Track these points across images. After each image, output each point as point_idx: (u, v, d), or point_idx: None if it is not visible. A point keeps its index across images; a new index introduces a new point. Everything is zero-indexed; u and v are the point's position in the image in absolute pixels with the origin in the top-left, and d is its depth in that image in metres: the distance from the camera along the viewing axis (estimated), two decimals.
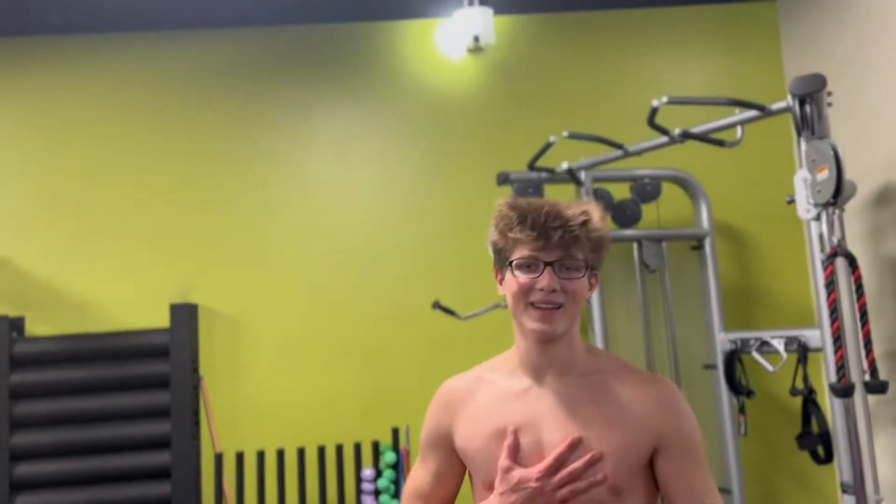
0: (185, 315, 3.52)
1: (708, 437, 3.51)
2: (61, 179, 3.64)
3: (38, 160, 3.65)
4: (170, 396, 3.45)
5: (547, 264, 1.20)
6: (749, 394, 3.22)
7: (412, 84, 3.80)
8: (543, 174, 3.33)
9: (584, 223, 1.22)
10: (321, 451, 3.42)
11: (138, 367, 3.50)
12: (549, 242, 1.20)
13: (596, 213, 1.25)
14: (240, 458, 3.36)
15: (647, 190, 3.47)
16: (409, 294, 3.64)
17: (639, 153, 3.03)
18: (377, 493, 3.36)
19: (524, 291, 1.21)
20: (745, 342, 3.23)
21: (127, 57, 3.75)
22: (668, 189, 3.56)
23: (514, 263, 1.22)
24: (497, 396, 1.29)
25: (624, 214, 3.47)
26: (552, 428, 1.22)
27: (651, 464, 1.23)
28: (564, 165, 3.15)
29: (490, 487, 1.24)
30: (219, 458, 3.38)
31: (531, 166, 3.21)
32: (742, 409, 3.26)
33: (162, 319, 3.57)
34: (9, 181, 3.62)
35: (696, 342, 3.57)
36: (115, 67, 3.74)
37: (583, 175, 3.26)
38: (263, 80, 3.77)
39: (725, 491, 3.34)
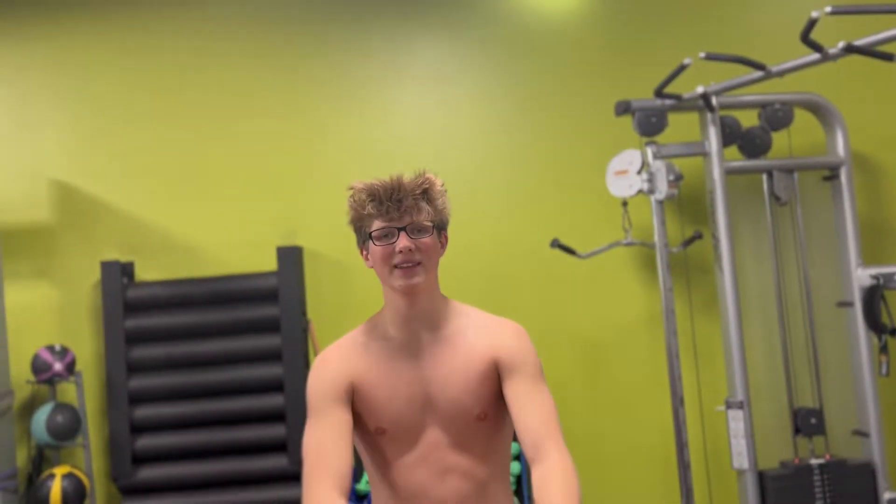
0: (292, 258, 3.46)
1: (842, 378, 3.33)
2: (167, 127, 3.57)
3: (143, 110, 3.58)
4: (280, 340, 3.42)
5: (400, 230, 1.39)
6: (894, 332, 3.02)
7: (513, 12, 3.58)
8: (668, 101, 3.11)
9: (425, 191, 1.42)
10: None
11: (247, 311, 3.47)
12: (398, 211, 1.39)
13: (435, 181, 1.44)
14: None
15: (777, 116, 3.22)
16: (522, 233, 3.50)
17: (781, 74, 2.79)
18: None
19: (387, 257, 1.39)
20: (888, 277, 3.01)
21: (223, 3, 3.61)
22: (799, 115, 3.30)
23: (373, 235, 1.40)
24: (381, 352, 1.47)
25: (752, 143, 3.24)
26: (433, 378, 1.44)
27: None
28: (700, 89, 2.92)
29: (381, 432, 1.44)
30: None
31: (659, 92, 3.00)
32: (884, 349, 3.07)
33: (268, 262, 3.52)
34: (116, 131, 3.57)
35: (829, 279, 3.36)
36: (211, 15, 3.61)
37: (714, 100, 3.03)
38: (359, 15, 3.60)
39: (862, 434, 3.18)
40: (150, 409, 3.41)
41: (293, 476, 3.38)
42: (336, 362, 1.46)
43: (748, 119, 3.28)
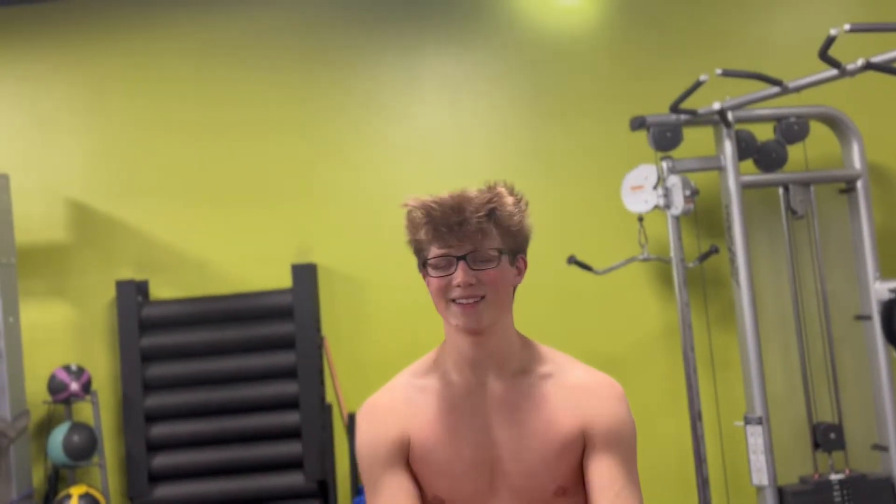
0: (306, 275, 3.46)
1: (861, 392, 3.31)
2: (181, 147, 3.58)
3: (158, 130, 3.59)
4: (295, 356, 3.42)
5: (459, 259, 1.17)
6: None
7: (528, 25, 3.58)
8: (683, 116, 3.10)
9: (491, 212, 1.19)
10: None
11: (263, 328, 3.47)
12: (457, 237, 1.17)
13: (506, 198, 1.22)
14: None
15: (793, 130, 3.21)
16: (537, 248, 3.45)
17: (798, 90, 2.78)
18: None
19: (443, 290, 1.19)
20: None
21: (234, 15, 3.62)
22: (815, 128, 3.29)
23: (429, 263, 1.19)
24: (440, 402, 1.23)
25: (768, 157, 3.23)
26: (504, 440, 1.20)
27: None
28: (716, 105, 2.91)
29: (438, 502, 1.21)
30: (350, 418, 3.35)
31: (675, 108, 2.99)
32: None
33: (283, 280, 3.52)
34: (131, 151, 3.58)
35: (847, 292, 3.34)
36: (225, 36, 3.62)
37: (730, 116, 3.02)
38: (372, 28, 3.61)
39: (882, 448, 3.16)
40: (166, 427, 3.40)
41: (309, 493, 3.37)
42: (389, 414, 1.23)
43: (763, 133, 3.27)
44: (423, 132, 3.60)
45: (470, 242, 1.17)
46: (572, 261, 3.19)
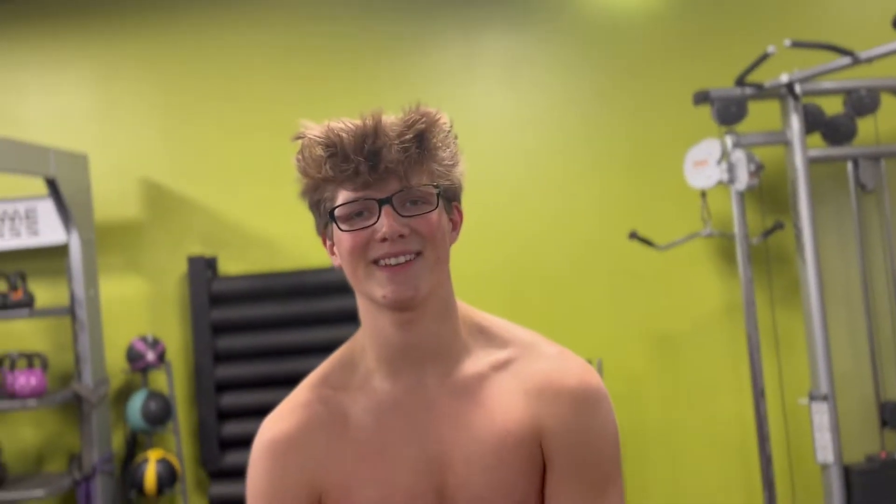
0: None
1: None
2: (249, 129, 3.67)
3: (226, 112, 3.69)
4: (356, 329, 3.50)
5: (382, 203, 0.85)
6: None
7: (587, 2, 3.56)
8: (748, 90, 3.05)
9: (421, 134, 0.87)
10: None
11: (325, 303, 3.57)
12: (376, 173, 0.85)
13: (437, 116, 0.90)
14: None
15: (863, 102, 3.13)
16: (598, 225, 3.49)
17: (871, 60, 2.71)
18: None
19: (360, 248, 0.87)
20: None
21: (298, 4, 3.70)
22: (886, 101, 3.20)
23: (337, 214, 0.88)
24: (363, 418, 0.91)
25: (836, 131, 3.16)
26: (450, 460, 0.89)
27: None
28: (784, 78, 2.86)
29: None
30: None
31: (740, 81, 2.95)
32: None
33: None
34: (201, 132, 3.70)
35: None
36: (285, 15, 3.70)
37: (798, 88, 2.96)
38: (430, 8, 3.63)
39: None
40: (235, 397, 3.54)
41: None
42: (292, 452, 0.93)
43: (832, 106, 3.20)
44: (481, 111, 3.62)
45: (395, 179, 0.85)
46: (634, 236, 3.18)
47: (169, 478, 3.41)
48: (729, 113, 3.09)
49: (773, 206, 3.34)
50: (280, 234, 3.65)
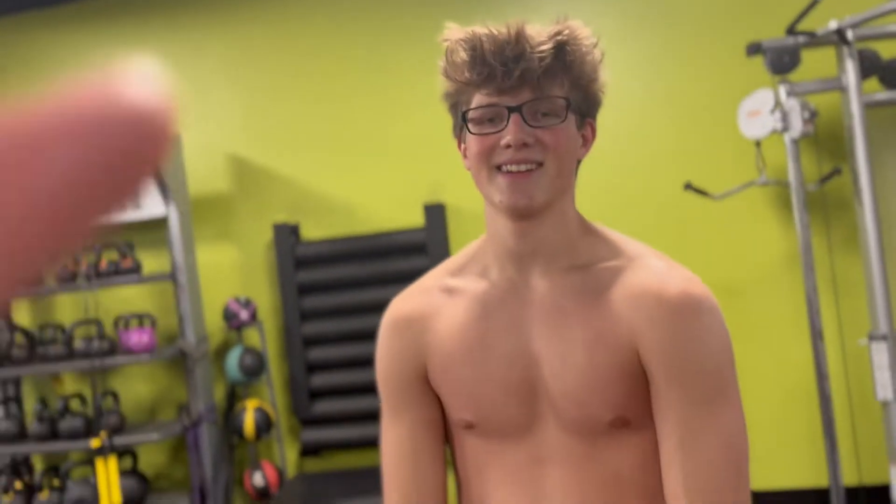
0: (437, 214, 3.77)
1: None
2: (326, 102, 3.96)
3: (305, 88, 3.99)
4: None
5: (512, 111, 0.87)
6: None
7: None
8: (801, 39, 3.11)
9: (561, 46, 0.87)
10: None
11: (400, 263, 3.84)
12: (511, 80, 0.86)
13: (580, 32, 0.89)
14: None
15: None
16: (654, 175, 3.61)
17: None
18: None
19: (486, 152, 0.89)
20: None
21: None
22: None
23: (469, 116, 0.91)
24: (471, 306, 0.96)
25: (893, 75, 3.17)
26: (549, 355, 0.92)
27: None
28: (832, 25, 2.92)
29: (467, 426, 0.96)
30: None
31: (791, 30, 3.01)
32: None
33: (417, 219, 3.85)
34: (282, 108, 4.01)
35: None
36: None
37: (849, 34, 3.00)
38: None
39: None
40: (321, 351, 3.87)
41: None
42: (410, 326, 1.00)
43: (889, 50, 3.21)
44: None
45: (529, 89, 0.87)
46: (689, 187, 3.30)
47: (265, 424, 3.77)
48: (782, 62, 3.15)
49: (830, 153, 3.39)
50: (356, 200, 3.93)
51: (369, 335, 3.81)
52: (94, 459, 3.48)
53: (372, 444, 3.69)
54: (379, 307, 3.83)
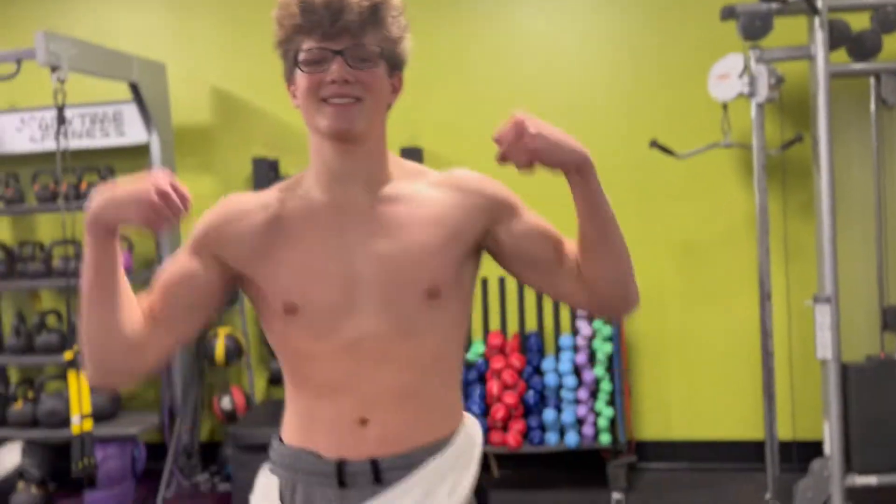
0: (414, 158, 3.85)
1: None
2: None
3: None
4: None
5: (336, 53, 1.07)
6: None
7: None
8: (774, 5, 3.18)
9: (376, 6, 1.08)
10: None
11: None
12: (336, 28, 1.06)
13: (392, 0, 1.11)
14: (483, 283, 3.76)
15: (890, 18, 3.21)
16: (623, 133, 3.71)
17: None
18: (591, 318, 3.63)
19: (314, 88, 1.08)
20: None
21: None
22: None
23: (300, 59, 1.09)
24: (303, 209, 1.15)
25: (862, 46, 3.26)
26: (366, 247, 1.13)
27: (484, 248, 1.20)
28: None
29: (290, 310, 1.12)
30: None
31: None
32: None
33: None
34: (265, 44, 4.04)
35: None
36: None
37: (819, 3, 3.08)
38: None
39: None
40: None
41: None
42: (237, 208, 1.18)
43: (859, 22, 3.28)
44: (516, 26, 3.84)
45: (350, 36, 1.07)
46: (654, 144, 3.40)
47: (235, 351, 3.91)
48: (754, 27, 3.23)
49: (793, 120, 3.49)
50: None
51: None
52: (67, 373, 3.61)
53: None
54: None
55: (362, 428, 1.14)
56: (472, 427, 1.26)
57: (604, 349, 3.58)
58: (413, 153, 3.85)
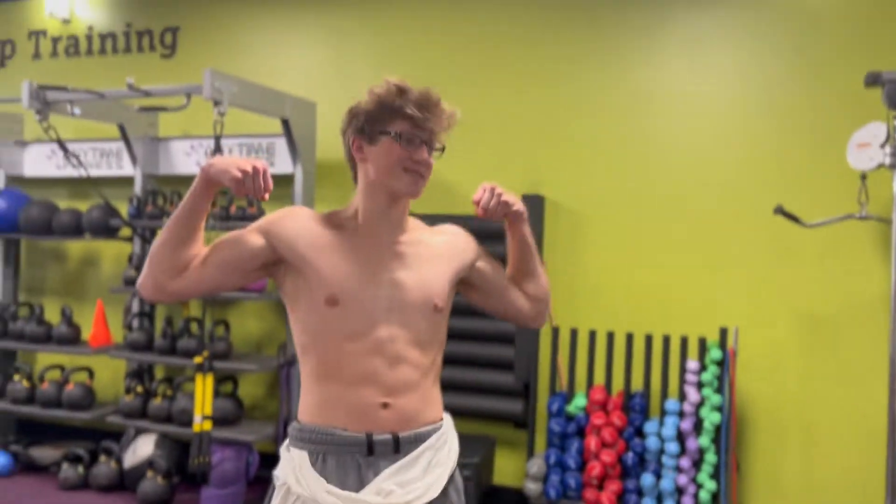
0: (534, 205, 3.94)
1: None
2: (442, 85, 4.23)
3: (426, 71, 4.28)
4: None
5: (423, 141, 1.48)
6: None
7: None
8: None
9: (451, 116, 1.50)
10: (648, 339, 3.65)
11: (491, 247, 4.02)
12: (428, 123, 1.47)
13: (458, 115, 1.53)
14: (573, 334, 3.74)
15: None
16: (755, 197, 3.58)
17: None
18: (700, 385, 3.50)
19: (402, 159, 1.48)
20: None
21: None
22: None
23: (400, 134, 1.47)
24: (344, 239, 1.53)
25: None
26: (402, 275, 1.53)
27: (462, 282, 1.66)
28: None
29: (331, 302, 1.47)
30: (555, 331, 3.80)
31: None
32: None
33: None
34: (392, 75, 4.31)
35: None
36: None
37: None
38: None
39: None
40: None
41: (516, 392, 3.91)
42: (297, 219, 1.52)
43: None
44: (660, 82, 3.83)
45: (433, 132, 1.50)
46: (779, 210, 3.26)
47: None
48: None
49: None
50: (457, 180, 4.17)
51: (454, 312, 4.04)
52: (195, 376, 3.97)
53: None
54: None
55: (384, 410, 1.49)
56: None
57: (711, 418, 3.43)
58: (533, 200, 3.92)
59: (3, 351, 4.80)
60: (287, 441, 1.57)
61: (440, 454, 1.55)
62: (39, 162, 5.03)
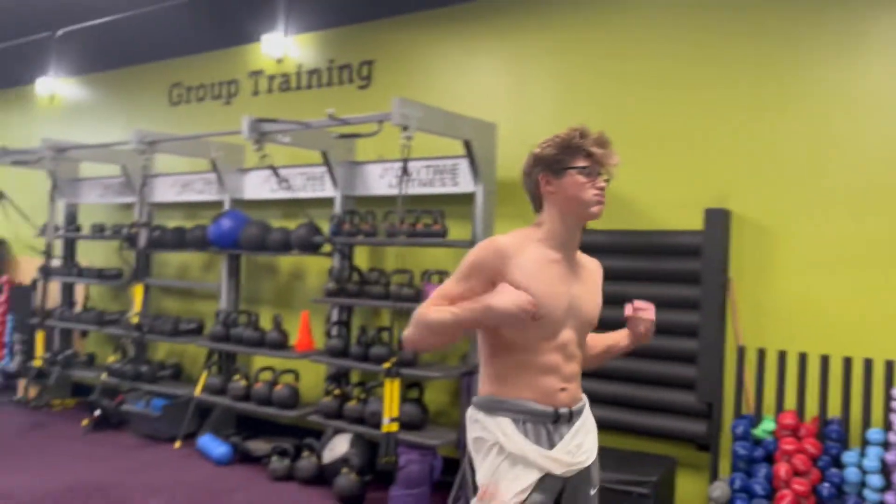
0: (719, 220, 3.80)
1: None
2: (622, 98, 4.24)
3: (603, 88, 4.31)
4: (700, 291, 3.82)
5: (601, 174, 1.89)
6: None
7: None
8: None
9: (617, 154, 1.91)
10: (847, 362, 3.38)
11: (673, 263, 3.95)
12: (604, 160, 1.87)
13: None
14: (761, 354, 3.56)
15: None
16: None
17: None
18: None
19: (584, 188, 1.87)
20: None
21: None
22: None
23: (585, 169, 1.88)
24: (543, 257, 1.90)
25: None
26: (576, 289, 1.95)
27: None
28: None
29: (537, 317, 1.84)
30: (741, 351, 3.63)
31: None
32: None
33: (694, 222, 3.92)
34: (588, 110, 4.38)
35: None
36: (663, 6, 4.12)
37: None
38: None
39: None
40: None
41: (698, 413, 3.78)
42: (500, 251, 1.87)
43: None
44: (859, 90, 3.56)
45: (606, 167, 1.90)
46: None
47: None
48: None
49: None
50: (638, 195, 4.14)
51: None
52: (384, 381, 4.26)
53: None
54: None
55: (562, 392, 1.97)
56: None
57: None
58: (719, 214, 3.79)
59: (227, 353, 5.46)
60: (477, 410, 1.98)
61: (588, 422, 2.06)
62: (257, 186, 5.69)
